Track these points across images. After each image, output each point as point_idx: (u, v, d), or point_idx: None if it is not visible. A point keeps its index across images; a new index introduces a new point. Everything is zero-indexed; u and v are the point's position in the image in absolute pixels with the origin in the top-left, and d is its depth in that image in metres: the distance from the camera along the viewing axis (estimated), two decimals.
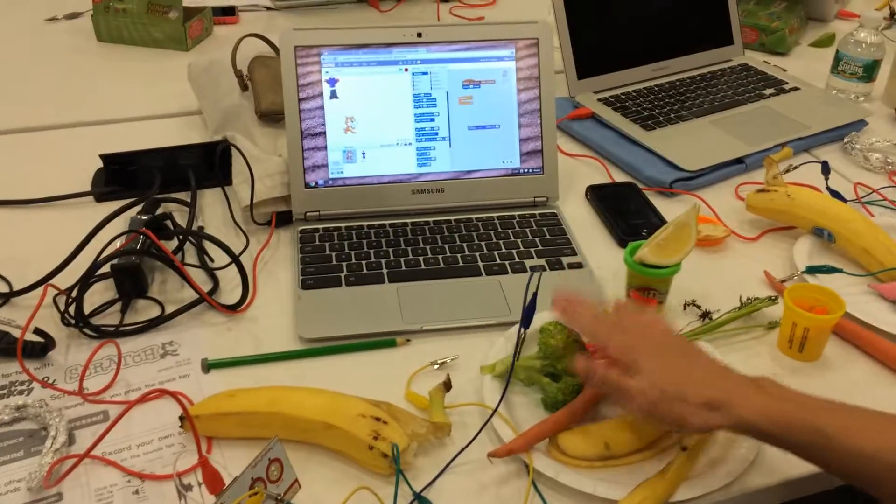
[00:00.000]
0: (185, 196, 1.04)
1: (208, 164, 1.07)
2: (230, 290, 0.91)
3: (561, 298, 0.73)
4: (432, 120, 1.01)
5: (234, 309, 0.87)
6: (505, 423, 0.72)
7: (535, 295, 0.77)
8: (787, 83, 1.34)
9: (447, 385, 0.75)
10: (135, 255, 0.86)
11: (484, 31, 1.01)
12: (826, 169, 1.04)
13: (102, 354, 0.81)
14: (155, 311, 0.86)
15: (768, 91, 1.31)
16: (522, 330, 0.78)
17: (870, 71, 1.31)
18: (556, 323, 0.78)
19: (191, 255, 0.95)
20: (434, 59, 1.00)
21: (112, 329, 0.83)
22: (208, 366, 0.80)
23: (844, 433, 0.59)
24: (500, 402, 0.72)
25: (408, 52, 1.00)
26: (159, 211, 0.99)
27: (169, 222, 0.96)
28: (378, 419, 0.70)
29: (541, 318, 0.79)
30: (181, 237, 0.93)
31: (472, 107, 1.02)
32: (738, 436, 0.71)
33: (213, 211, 1.05)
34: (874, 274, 0.92)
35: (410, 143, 1.01)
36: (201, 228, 1.00)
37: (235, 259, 0.87)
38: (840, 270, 0.91)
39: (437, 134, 1.01)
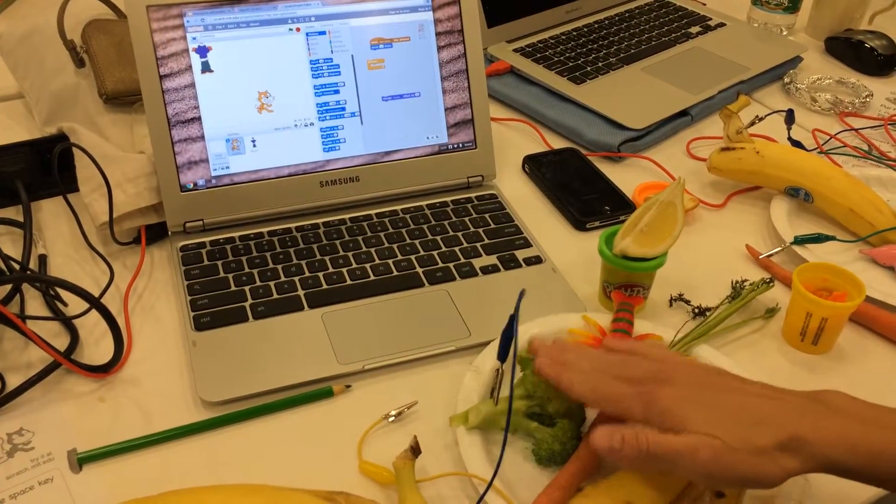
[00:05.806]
0: (15, 213, 0.79)
1: (43, 166, 0.81)
2: (96, 343, 0.68)
3: (544, 355, 0.57)
4: (337, 92, 0.80)
5: (105, 371, 0.65)
6: (501, 498, 0.55)
7: (513, 318, 0.60)
8: (710, 18, 1.21)
9: (415, 450, 0.57)
10: None
11: None
12: (791, 118, 0.92)
13: None
14: None
15: (694, 29, 1.18)
16: (501, 366, 0.61)
17: (796, 1, 1.20)
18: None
19: (34, 298, 0.71)
20: (332, 14, 0.79)
21: None
22: (79, 461, 0.58)
23: None
24: (494, 475, 0.55)
25: (297, 6, 0.78)
26: None
27: None
28: None
29: (519, 339, 0.63)
30: (15, 283, 0.69)
31: (384, 72, 0.81)
32: None
33: (56, 230, 0.80)
34: (866, 238, 0.81)
35: (312, 124, 0.79)
36: (43, 258, 0.75)
37: (95, 302, 0.64)
38: (833, 238, 0.80)
39: (343, 109, 0.80)
